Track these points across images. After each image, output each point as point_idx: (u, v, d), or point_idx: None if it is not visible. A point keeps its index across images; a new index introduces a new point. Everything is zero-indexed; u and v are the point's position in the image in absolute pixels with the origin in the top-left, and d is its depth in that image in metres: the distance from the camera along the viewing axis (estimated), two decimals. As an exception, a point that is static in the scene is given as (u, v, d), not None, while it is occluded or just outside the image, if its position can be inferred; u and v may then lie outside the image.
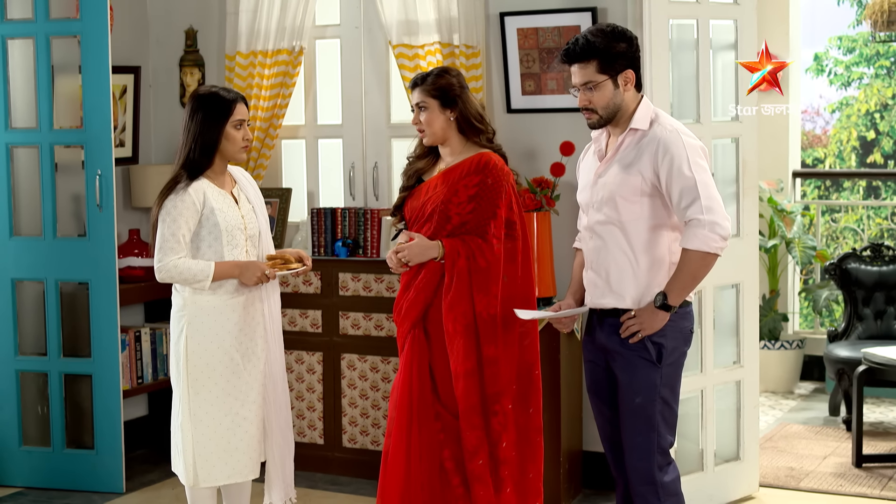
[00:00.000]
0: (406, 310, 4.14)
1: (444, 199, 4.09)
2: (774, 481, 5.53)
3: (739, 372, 5.22)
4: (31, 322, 5.70)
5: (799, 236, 7.41)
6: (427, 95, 4.13)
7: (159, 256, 4.07)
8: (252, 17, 5.83)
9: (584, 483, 5.41)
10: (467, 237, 4.07)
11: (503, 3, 5.43)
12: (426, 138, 4.16)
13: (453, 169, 4.14)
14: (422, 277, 4.10)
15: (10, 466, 5.60)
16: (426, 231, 4.11)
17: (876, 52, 12.12)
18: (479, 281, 4.05)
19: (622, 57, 3.72)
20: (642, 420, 3.75)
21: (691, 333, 3.84)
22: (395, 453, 4.09)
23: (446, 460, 4.10)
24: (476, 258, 4.05)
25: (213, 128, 4.09)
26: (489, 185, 4.08)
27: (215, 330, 4.11)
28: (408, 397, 4.09)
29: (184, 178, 4.09)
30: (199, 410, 4.11)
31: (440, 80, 4.15)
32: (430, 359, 4.12)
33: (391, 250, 4.15)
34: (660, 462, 3.76)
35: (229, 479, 4.15)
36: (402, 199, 4.26)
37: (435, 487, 4.09)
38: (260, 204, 4.30)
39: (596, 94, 3.74)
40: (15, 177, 5.59)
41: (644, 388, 3.74)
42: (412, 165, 4.29)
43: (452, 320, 4.04)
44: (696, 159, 3.69)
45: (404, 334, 4.16)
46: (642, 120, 3.75)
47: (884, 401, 7.12)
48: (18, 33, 5.53)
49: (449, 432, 4.10)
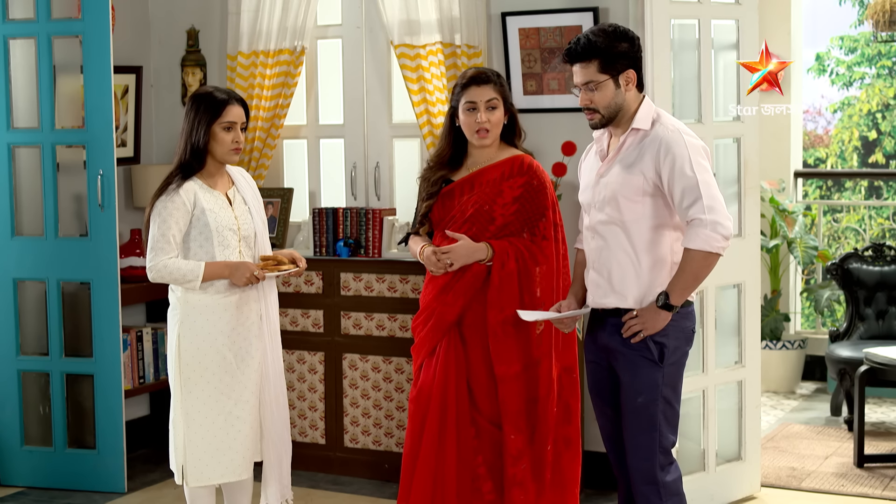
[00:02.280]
0: (444, 313, 4.07)
1: (489, 200, 4.05)
2: (776, 481, 5.53)
3: (741, 372, 5.22)
4: (33, 322, 5.70)
5: (801, 236, 7.41)
6: (498, 94, 4.08)
7: (150, 256, 4.10)
8: (254, 16, 5.83)
9: (586, 483, 5.40)
10: (514, 238, 4.04)
11: (505, 3, 5.43)
12: (487, 139, 4.07)
13: (490, 169, 4.09)
14: (465, 280, 4.04)
15: (11, 466, 5.61)
16: (465, 232, 4.06)
17: (878, 51, 12.11)
18: (528, 283, 4.02)
19: (624, 57, 3.72)
20: (644, 420, 3.75)
21: (693, 333, 3.84)
22: (425, 460, 4.04)
23: (479, 466, 4.07)
24: (525, 260, 4.02)
25: (202, 128, 4.10)
26: (535, 187, 4.07)
27: (207, 329, 4.11)
28: (443, 402, 4.04)
29: (176, 179, 4.11)
30: (192, 409, 4.12)
31: (505, 82, 4.13)
32: (466, 363, 4.09)
33: (429, 250, 4.06)
34: (662, 462, 3.76)
35: (222, 478, 4.15)
36: (430, 207, 4.15)
37: (467, 494, 4.07)
38: (257, 205, 4.30)
39: (597, 94, 3.74)
40: (17, 177, 5.59)
41: (646, 388, 3.73)
42: (435, 171, 4.18)
43: (502, 322, 4.00)
44: (698, 159, 3.69)
45: (437, 338, 4.09)
46: (644, 120, 3.75)
47: (885, 401, 7.11)
48: (20, 33, 5.53)
49: (483, 438, 4.06)
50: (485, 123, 4.05)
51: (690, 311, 3.80)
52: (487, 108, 4.06)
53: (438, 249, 4.02)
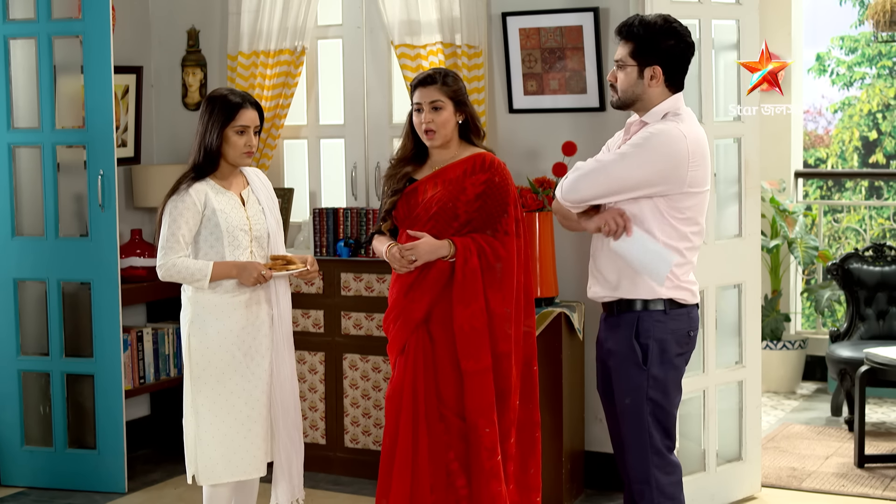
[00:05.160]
0: (411, 311, 4.10)
1: (452, 197, 4.08)
2: (776, 482, 5.53)
3: (741, 372, 5.22)
4: (34, 322, 5.70)
5: (801, 236, 7.41)
6: (444, 95, 4.09)
7: (160, 255, 4.12)
8: (254, 17, 5.83)
9: (587, 483, 5.41)
10: (476, 235, 4.07)
11: (505, 3, 5.42)
12: (434, 140, 4.11)
13: (453, 167, 4.12)
14: (430, 277, 4.08)
15: (12, 466, 5.61)
16: (429, 230, 4.09)
17: (878, 52, 12.11)
18: (491, 278, 4.05)
19: (659, 52, 3.69)
20: (633, 420, 3.76)
21: (689, 336, 3.81)
22: (402, 457, 4.07)
23: (451, 462, 4.09)
24: (488, 256, 4.05)
25: (215, 131, 4.11)
26: (496, 184, 4.09)
27: (217, 328, 4.12)
28: (414, 400, 4.07)
29: (187, 180, 4.13)
30: (202, 408, 4.13)
31: (457, 82, 4.14)
32: (434, 360, 4.11)
33: (395, 248, 4.09)
34: (657, 462, 3.75)
35: (233, 476, 4.15)
36: (394, 203, 4.19)
37: (441, 489, 4.09)
38: (272, 206, 4.31)
39: (621, 75, 3.74)
40: (17, 177, 5.59)
41: (632, 390, 3.74)
42: (399, 168, 4.22)
43: (468, 318, 4.03)
44: (654, 154, 3.63)
45: (405, 336, 4.13)
46: (656, 114, 3.73)
47: (886, 401, 7.11)
48: (20, 33, 5.53)
49: (453, 434, 4.09)
50: (429, 124, 4.09)
51: (682, 314, 3.77)
52: (431, 109, 4.09)
53: (402, 247, 4.06)
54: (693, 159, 3.67)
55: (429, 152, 4.20)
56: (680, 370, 3.83)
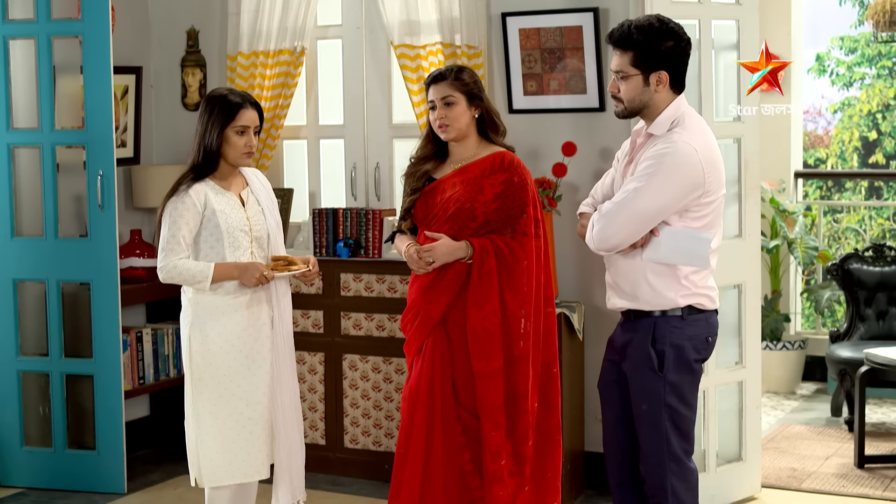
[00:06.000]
0: (429, 311, 4.07)
1: (470, 197, 4.04)
2: (776, 482, 5.53)
3: (741, 372, 5.21)
4: (33, 322, 5.70)
5: (801, 237, 7.40)
6: (455, 90, 4.07)
7: (161, 257, 4.10)
8: (254, 17, 5.82)
9: (587, 484, 5.41)
10: (494, 236, 4.03)
11: (505, 4, 5.42)
12: (449, 133, 4.08)
13: (473, 166, 4.09)
14: (448, 278, 4.05)
15: (11, 467, 5.60)
16: (447, 230, 4.06)
17: (878, 52, 12.11)
18: (508, 280, 4.02)
19: (661, 56, 3.62)
20: (651, 427, 3.71)
21: (708, 341, 3.77)
22: (414, 458, 4.05)
23: (466, 463, 4.07)
24: (505, 257, 4.02)
25: (215, 131, 4.09)
26: (516, 184, 4.06)
27: (217, 330, 4.11)
28: (430, 400, 4.05)
29: (186, 181, 4.12)
30: (203, 410, 4.12)
31: (468, 76, 4.12)
32: (451, 361, 4.09)
33: (412, 249, 4.07)
34: (674, 469, 3.71)
35: (234, 479, 4.14)
36: (413, 202, 4.16)
37: (455, 491, 4.07)
38: (271, 206, 4.29)
39: (624, 85, 3.67)
40: (16, 177, 5.58)
41: (649, 396, 3.70)
42: (418, 167, 4.20)
43: (482, 320, 4.00)
44: (668, 179, 3.57)
45: (423, 336, 4.10)
46: (662, 124, 3.66)
47: (886, 401, 7.11)
48: (20, 33, 5.52)
49: (470, 435, 4.07)
50: (442, 119, 4.07)
51: (699, 319, 3.74)
52: (444, 105, 4.08)
53: (420, 248, 4.04)
54: (707, 170, 3.62)
55: (448, 150, 4.17)
56: (698, 375, 3.79)
